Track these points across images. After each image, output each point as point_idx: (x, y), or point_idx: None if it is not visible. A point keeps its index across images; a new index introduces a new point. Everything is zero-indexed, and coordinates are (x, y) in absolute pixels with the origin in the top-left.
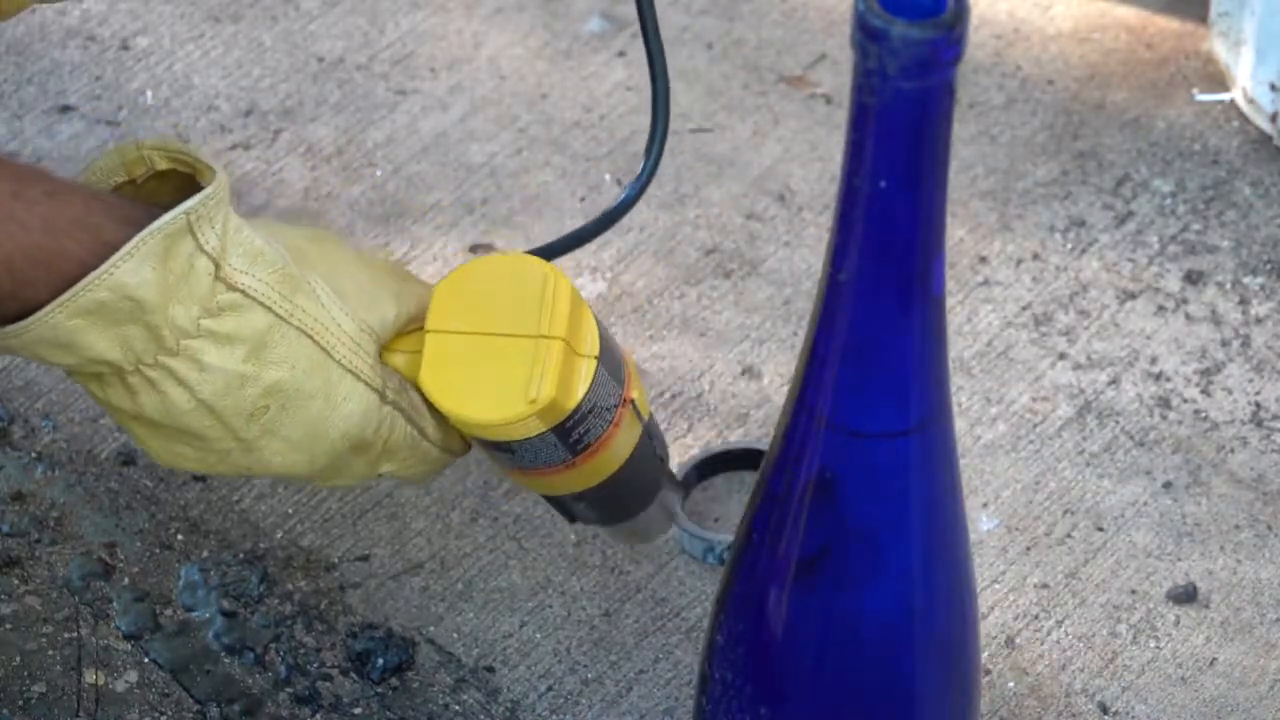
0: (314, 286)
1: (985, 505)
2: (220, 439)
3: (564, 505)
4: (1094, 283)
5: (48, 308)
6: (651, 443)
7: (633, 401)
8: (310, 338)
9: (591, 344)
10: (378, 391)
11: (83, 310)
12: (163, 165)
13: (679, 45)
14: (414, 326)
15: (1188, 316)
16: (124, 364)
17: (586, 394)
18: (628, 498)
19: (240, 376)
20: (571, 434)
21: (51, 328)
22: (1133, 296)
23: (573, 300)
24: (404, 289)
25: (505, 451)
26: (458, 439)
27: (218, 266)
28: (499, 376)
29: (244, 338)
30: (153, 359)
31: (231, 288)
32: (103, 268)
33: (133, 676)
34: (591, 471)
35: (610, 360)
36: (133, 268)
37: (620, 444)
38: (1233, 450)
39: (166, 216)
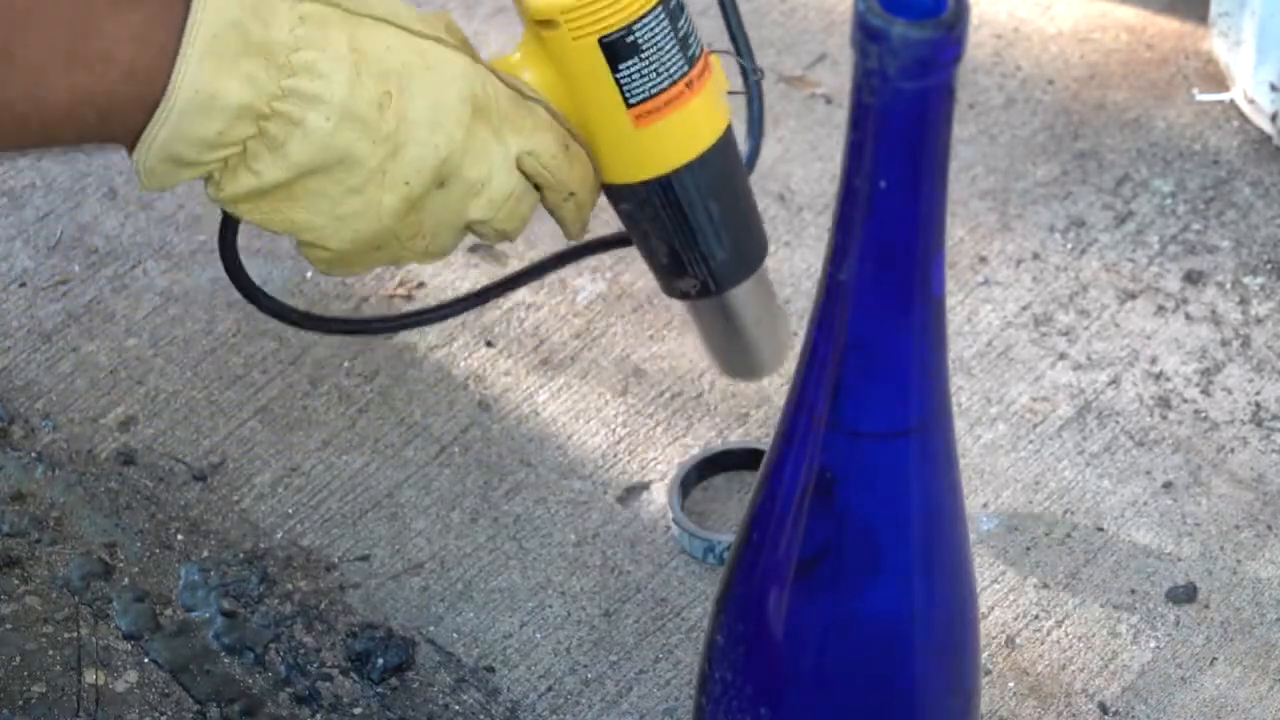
0: None
1: (985, 505)
2: (369, 153)
3: (699, 214)
4: (1094, 283)
5: (179, 58)
6: (740, 158)
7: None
8: (384, 21)
9: None
10: (466, 53)
11: (204, 51)
12: None
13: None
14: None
15: (1188, 316)
16: (258, 104)
17: None
18: (746, 209)
19: (353, 69)
20: (679, 20)
21: (191, 85)
22: (1133, 296)
23: None
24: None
25: (631, 58)
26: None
27: None
28: None
29: (334, 37)
30: (277, 87)
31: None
32: (194, 4)
33: (133, 676)
34: (708, 109)
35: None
36: (218, 4)
37: (718, 90)
38: (1233, 450)
39: None
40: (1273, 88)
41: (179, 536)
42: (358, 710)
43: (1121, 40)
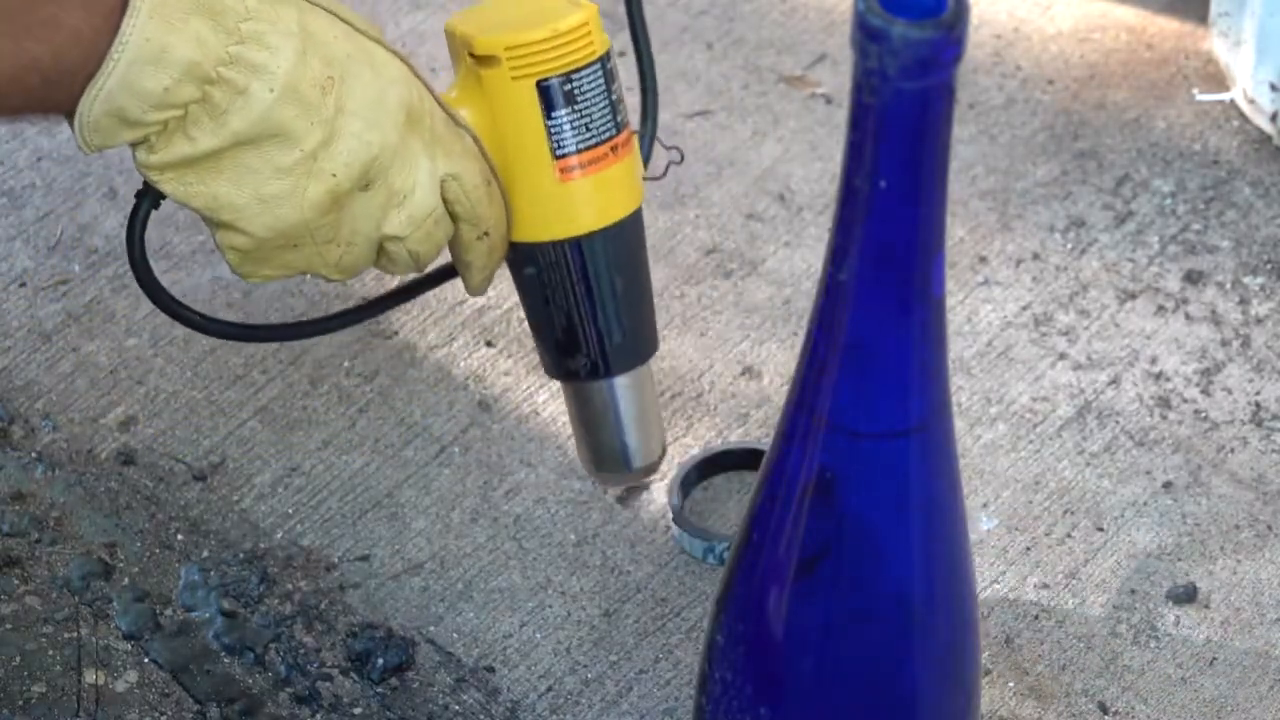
0: None
1: (985, 505)
2: (305, 133)
3: (603, 284)
4: (1094, 283)
5: (128, 12)
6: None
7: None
8: (333, 14)
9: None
10: (404, 61)
11: (153, 6)
12: None
13: (679, 45)
14: None
15: (1188, 316)
16: (205, 66)
17: (609, 46)
18: (646, 292)
19: (300, 47)
20: (613, 83)
21: (142, 33)
22: (1133, 296)
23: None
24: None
25: (565, 107)
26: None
27: None
28: (539, 12)
29: (285, 14)
30: (225, 52)
31: None
32: None
33: (133, 676)
34: (627, 178)
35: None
36: None
37: (636, 176)
38: (1233, 450)
39: None
40: (1273, 88)
41: (179, 536)
42: (358, 710)
43: (1121, 40)
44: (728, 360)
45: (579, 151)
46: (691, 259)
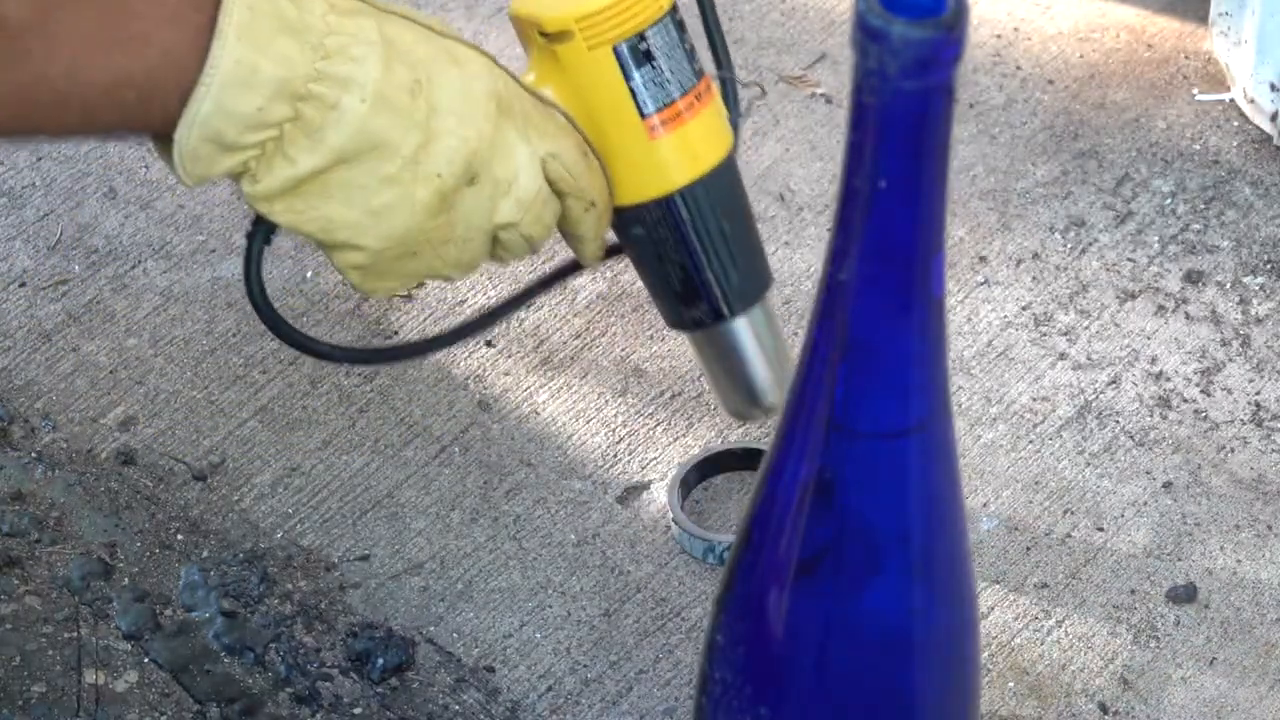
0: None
1: (985, 505)
2: (403, 139)
3: (710, 233)
4: (1094, 283)
5: (216, 35)
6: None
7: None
8: (410, 19)
9: None
10: (484, 54)
11: (241, 28)
12: None
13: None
14: None
15: (1188, 316)
16: (294, 83)
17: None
18: (752, 231)
19: (384, 55)
20: (683, 36)
21: (232, 56)
22: (1133, 296)
23: None
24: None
25: (644, 65)
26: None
27: None
28: None
29: (365, 25)
30: (312, 69)
31: None
32: None
33: (133, 676)
34: (714, 125)
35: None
36: None
37: (722, 118)
38: (1233, 450)
39: None
40: (1273, 88)
41: (179, 536)
42: (358, 710)
43: (1121, 40)
44: None
45: (665, 107)
46: None
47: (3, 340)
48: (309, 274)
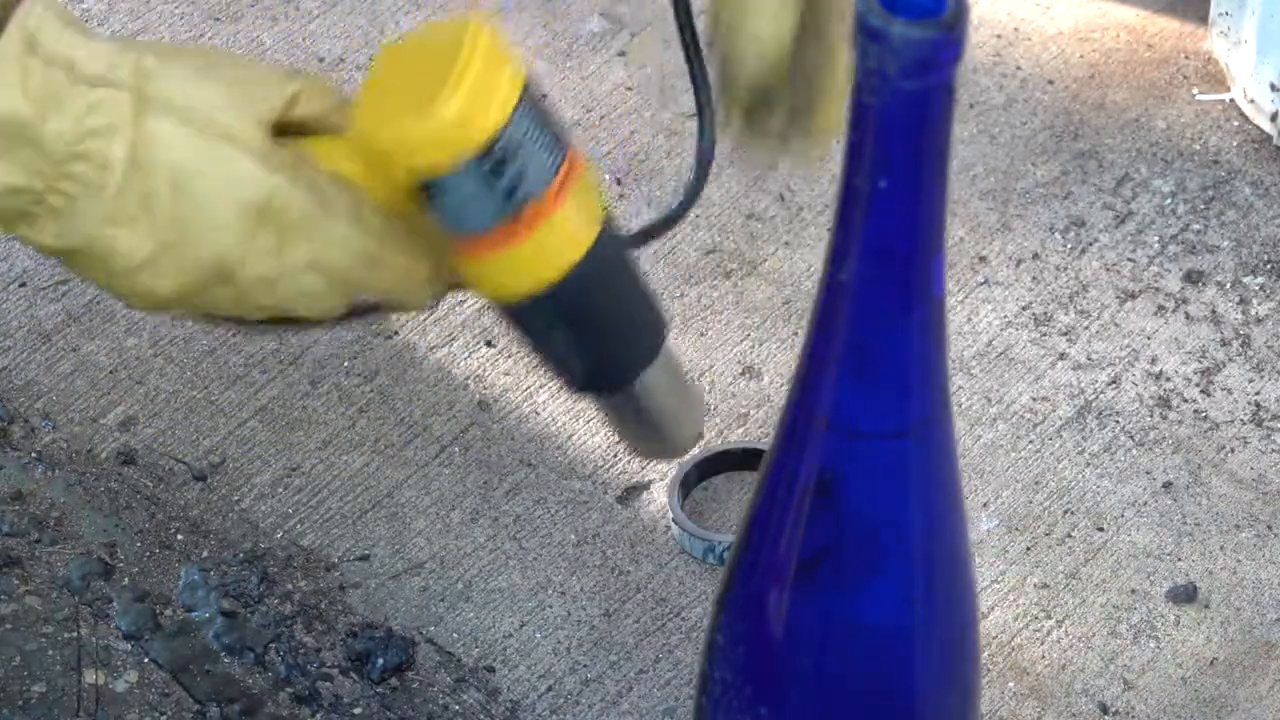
0: (178, 68)
1: (985, 505)
2: (135, 247)
3: (546, 340)
4: (1094, 283)
5: None
6: (621, 249)
7: (577, 176)
8: (181, 112)
9: (513, 81)
10: (262, 152)
11: None
12: None
13: (678, 45)
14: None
15: (1188, 316)
16: (35, 187)
17: (509, 121)
18: (612, 325)
19: (130, 161)
20: (502, 173)
21: None
22: (1133, 296)
23: (493, 42)
24: (302, 75)
25: (436, 197)
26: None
27: (71, 67)
28: (418, 92)
29: (120, 127)
30: (55, 171)
31: (92, 84)
32: None
33: (133, 676)
34: (543, 250)
35: (544, 115)
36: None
37: (572, 221)
38: (1233, 450)
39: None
40: (1273, 88)
41: (179, 536)
42: (358, 710)
43: (1121, 40)
44: (727, 360)
45: (475, 235)
46: (691, 259)
47: (3, 340)
48: None
